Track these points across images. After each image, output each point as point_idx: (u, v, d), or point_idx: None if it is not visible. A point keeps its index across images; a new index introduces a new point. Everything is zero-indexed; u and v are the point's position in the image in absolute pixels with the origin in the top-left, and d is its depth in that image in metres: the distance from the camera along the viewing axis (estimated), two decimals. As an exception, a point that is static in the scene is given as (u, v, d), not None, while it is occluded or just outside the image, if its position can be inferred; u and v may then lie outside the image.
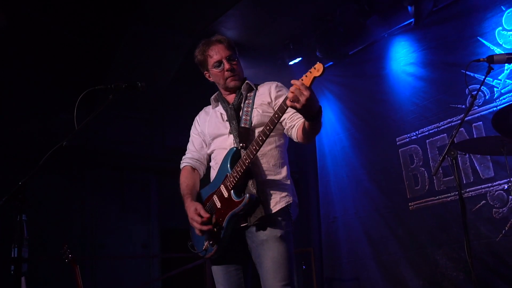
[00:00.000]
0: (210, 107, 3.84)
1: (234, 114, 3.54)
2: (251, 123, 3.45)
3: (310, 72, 2.93)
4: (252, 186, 3.28)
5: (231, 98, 3.68)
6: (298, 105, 2.90)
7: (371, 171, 8.12)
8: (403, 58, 7.79)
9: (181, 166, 3.83)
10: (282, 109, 3.08)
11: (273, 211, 3.34)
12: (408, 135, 7.58)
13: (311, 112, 2.99)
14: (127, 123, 8.78)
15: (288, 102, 2.93)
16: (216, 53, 3.62)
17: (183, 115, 9.25)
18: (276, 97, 3.54)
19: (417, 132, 7.44)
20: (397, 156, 7.71)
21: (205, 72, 3.76)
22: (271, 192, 3.39)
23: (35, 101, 7.80)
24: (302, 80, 2.93)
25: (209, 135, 3.66)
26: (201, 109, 3.97)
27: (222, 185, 3.37)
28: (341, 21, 8.02)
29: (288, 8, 7.84)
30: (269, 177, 3.43)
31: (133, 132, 8.87)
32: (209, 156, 3.76)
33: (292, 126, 3.39)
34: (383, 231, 7.77)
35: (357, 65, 8.53)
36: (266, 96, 3.57)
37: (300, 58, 8.83)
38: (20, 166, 6.81)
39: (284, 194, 3.42)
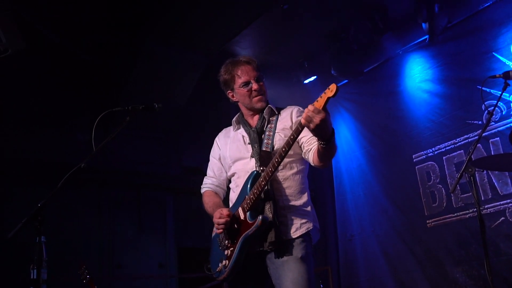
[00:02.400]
0: (230, 128, 3.85)
1: (257, 137, 3.55)
2: (273, 147, 3.46)
3: (325, 93, 2.96)
4: (269, 210, 3.29)
5: (253, 121, 3.69)
6: (311, 125, 2.94)
7: (388, 188, 8.07)
8: (418, 74, 7.77)
9: (202, 190, 3.89)
10: (297, 130, 3.12)
11: (293, 237, 3.34)
12: (424, 152, 7.54)
13: (324, 134, 3.03)
14: (143, 143, 8.83)
15: (302, 120, 2.97)
16: (244, 74, 3.62)
17: (199, 135, 9.36)
18: (296, 121, 3.53)
19: (433, 148, 7.39)
20: (414, 173, 7.66)
21: (229, 91, 3.75)
22: (292, 217, 3.40)
23: (52, 122, 7.89)
24: (317, 101, 2.97)
25: (230, 158, 3.68)
26: (217, 129, 3.98)
27: (240, 207, 3.39)
28: (355, 38, 8.03)
29: (302, 26, 7.88)
30: (290, 203, 3.44)
31: (150, 152, 8.92)
32: (229, 178, 3.78)
33: (309, 149, 3.41)
34: (400, 248, 7.70)
35: (372, 82, 8.51)
36: (288, 121, 3.59)
37: (315, 77, 8.85)
38: (38, 187, 6.87)
39: (304, 220, 3.43)
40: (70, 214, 7.77)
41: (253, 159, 3.49)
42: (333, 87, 2.92)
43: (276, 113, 3.65)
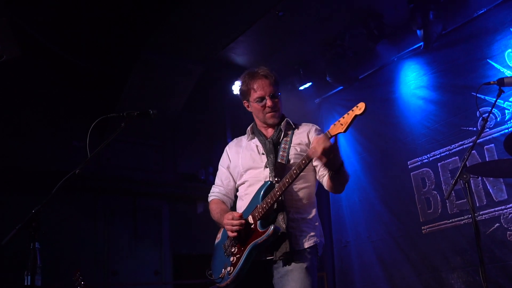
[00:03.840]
0: (242, 138, 3.86)
1: (273, 148, 3.56)
2: (288, 160, 3.49)
3: (352, 111, 3.04)
4: (282, 220, 3.31)
5: (267, 132, 3.71)
6: (318, 156, 3.07)
7: (383, 194, 8.08)
8: (413, 81, 7.80)
9: (209, 199, 3.89)
10: (308, 157, 3.19)
11: (301, 248, 3.37)
12: (419, 158, 7.55)
13: (332, 164, 3.20)
14: (139, 150, 8.83)
15: (309, 151, 3.14)
16: (260, 89, 3.62)
17: (194, 142, 9.38)
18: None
19: (428, 155, 7.41)
20: (409, 179, 7.68)
21: (245, 102, 3.76)
22: (302, 229, 3.43)
23: (47, 129, 7.88)
24: (343, 118, 3.10)
25: (243, 167, 3.67)
26: (212, 136, 4.01)
27: (250, 215, 3.39)
28: (350, 45, 8.07)
29: (298, 33, 7.90)
30: (300, 215, 3.46)
31: (145, 159, 8.91)
32: (238, 187, 3.77)
33: (323, 174, 3.48)
34: (396, 255, 7.71)
35: (367, 89, 8.53)
36: (305, 137, 3.63)
37: (310, 83, 8.89)
38: (33, 195, 6.85)
39: (312, 233, 3.47)
40: (65, 220, 7.74)
41: (267, 169, 3.51)
42: (362, 105, 3.01)
43: (293, 127, 3.68)
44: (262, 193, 3.39)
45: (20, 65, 6.83)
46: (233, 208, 3.78)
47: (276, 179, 3.41)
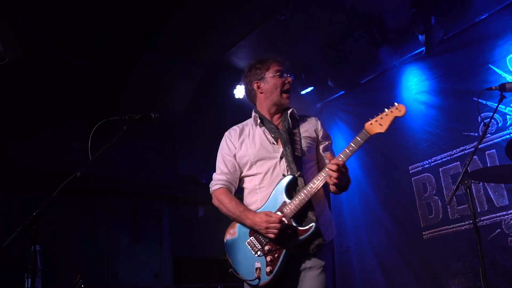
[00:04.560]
0: (243, 126, 3.78)
1: (289, 139, 3.52)
2: (304, 153, 3.53)
3: (391, 111, 3.15)
4: (312, 215, 3.33)
5: (274, 120, 3.69)
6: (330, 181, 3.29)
7: (384, 199, 8.07)
8: (414, 86, 7.80)
9: (215, 187, 3.70)
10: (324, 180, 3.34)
11: (327, 241, 3.41)
12: (421, 163, 7.55)
13: (341, 185, 3.38)
14: (139, 152, 8.82)
15: (329, 180, 3.29)
16: (280, 64, 3.67)
17: (195, 144, 9.37)
18: (321, 140, 3.72)
19: (430, 160, 7.41)
20: (410, 184, 7.67)
21: (257, 81, 3.70)
22: (326, 223, 3.47)
23: (48, 130, 7.88)
24: (381, 118, 3.28)
25: (254, 157, 3.58)
26: (213, 139, 3.96)
27: (278, 212, 3.36)
28: (352, 50, 8.07)
29: (300, 38, 7.91)
30: (321, 208, 3.49)
31: (145, 161, 8.90)
32: (243, 177, 3.69)
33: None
34: (397, 260, 7.70)
35: (368, 93, 8.53)
36: (312, 131, 3.66)
37: (312, 88, 8.89)
38: (34, 196, 6.85)
39: (332, 225, 3.55)
40: (66, 223, 7.73)
41: (283, 161, 3.48)
42: (402, 108, 3.12)
43: (297, 118, 3.69)
44: (285, 187, 3.39)
45: (21, 66, 6.83)
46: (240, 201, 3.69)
47: (298, 173, 3.40)
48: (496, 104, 4.06)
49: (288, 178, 3.41)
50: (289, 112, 3.65)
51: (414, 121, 7.73)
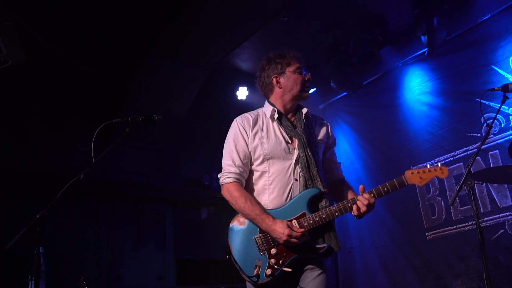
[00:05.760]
0: (258, 117, 3.69)
1: (306, 143, 3.48)
2: (321, 159, 3.59)
3: (435, 170, 3.32)
4: (329, 232, 3.39)
5: (290, 117, 3.66)
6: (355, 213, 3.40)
7: (387, 200, 8.05)
8: (417, 87, 7.79)
9: (227, 180, 3.53)
10: (347, 211, 3.41)
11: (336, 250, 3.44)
12: (424, 164, 7.48)
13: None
14: (142, 154, 8.84)
15: (355, 211, 3.39)
16: (301, 61, 3.69)
17: (198, 147, 9.38)
18: (330, 145, 3.74)
19: (433, 161, 7.39)
20: (413, 185, 7.62)
21: (276, 76, 3.66)
22: (333, 234, 3.48)
23: (52, 133, 7.89)
24: (423, 172, 3.42)
25: (268, 153, 3.51)
26: (216, 141, 3.91)
27: (295, 221, 3.34)
28: (355, 51, 8.06)
29: (302, 39, 7.90)
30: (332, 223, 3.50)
31: (149, 163, 8.92)
32: (252, 170, 3.60)
33: (327, 178, 3.62)
34: (400, 261, 7.68)
35: (371, 95, 8.53)
36: (323, 135, 3.69)
37: (314, 89, 8.90)
38: (37, 199, 6.87)
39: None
40: (69, 225, 7.74)
41: (298, 166, 3.45)
42: (445, 170, 3.26)
43: (311, 119, 3.68)
44: (309, 200, 3.38)
45: (24, 69, 6.85)
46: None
47: (324, 190, 3.40)
48: (499, 105, 4.06)
49: (314, 191, 3.39)
50: (304, 111, 3.63)
51: (417, 122, 7.73)
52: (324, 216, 3.30)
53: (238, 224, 3.49)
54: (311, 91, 8.88)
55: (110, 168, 8.32)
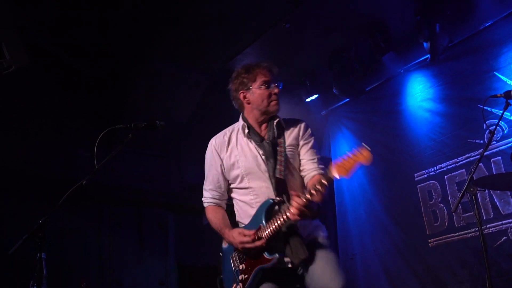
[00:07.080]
0: (232, 134, 3.72)
1: (272, 152, 3.46)
2: (286, 167, 3.43)
3: (355, 156, 3.06)
4: (295, 241, 3.27)
5: (261, 130, 3.62)
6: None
7: (389, 207, 8.05)
8: (419, 93, 7.79)
9: (204, 205, 3.75)
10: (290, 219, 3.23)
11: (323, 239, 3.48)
12: (426, 171, 7.53)
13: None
14: (144, 160, 8.84)
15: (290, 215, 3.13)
16: (267, 75, 3.58)
17: (200, 152, 9.35)
18: (303, 146, 3.60)
19: (435, 168, 7.39)
20: (416, 192, 7.65)
21: (243, 91, 3.64)
22: (315, 231, 3.53)
23: (54, 137, 7.90)
24: (346, 161, 3.10)
25: (245, 169, 3.52)
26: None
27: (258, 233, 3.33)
28: (357, 57, 8.07)
29: (304, 45, 7.91)
30: (314, 231, 3.54)
31: (151, 169, 8.92)
32: (234, 188, 3.63)
33: (304, 176, 3.53)
34: (402, 268, 7.66)
35: (373, 101, 8.53)
36: (294, 138, 3.58)
37: (316, 95, 8.89)
38: (39, 203, 6.86)
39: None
40: (71, 230, 7.73)
41: (270, 182, 3.42)
42: (367, 154, 3.04)
43: (284, 127, 3.60)
44: (264, 213, 3.32)
45: (27, 72, 6.86)
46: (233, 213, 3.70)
47: (277, 199, 3.34)
48: (501, 111, 4.07)
49: (268, 202, 3.35)
50: (275, 121, 3.58)
51: (419, 128, 7.72)
52: (276, 224, 3.20)
53: (224, 245, 3.63)
54: (313, 97, 8.88)
55: (112, 174, 8.32)
